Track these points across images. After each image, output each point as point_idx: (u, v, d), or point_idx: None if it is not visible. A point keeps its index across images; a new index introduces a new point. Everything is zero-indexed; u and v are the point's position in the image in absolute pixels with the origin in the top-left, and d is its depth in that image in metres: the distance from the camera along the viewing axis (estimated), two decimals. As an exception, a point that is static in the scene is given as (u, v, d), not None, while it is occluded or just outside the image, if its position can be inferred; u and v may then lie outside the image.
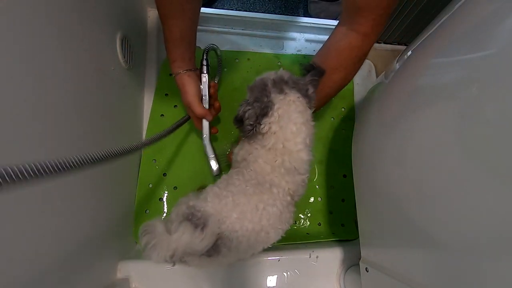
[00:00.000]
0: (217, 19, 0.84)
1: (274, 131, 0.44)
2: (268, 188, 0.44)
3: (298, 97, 0.45)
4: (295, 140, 0.44)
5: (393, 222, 0.41)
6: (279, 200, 0.44)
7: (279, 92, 0.45)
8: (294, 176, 0.46)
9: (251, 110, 0.44)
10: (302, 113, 0.45)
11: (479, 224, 0.26)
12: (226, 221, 0.41)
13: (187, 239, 0.36)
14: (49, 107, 0.39)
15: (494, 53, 0.27)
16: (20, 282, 0.35)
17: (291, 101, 0.44)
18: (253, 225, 0.42)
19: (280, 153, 0.44)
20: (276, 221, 0.44)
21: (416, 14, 0.73)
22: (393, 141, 0.43)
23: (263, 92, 0.45)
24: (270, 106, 0.44)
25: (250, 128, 0.44)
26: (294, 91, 0.45)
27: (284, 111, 0.44)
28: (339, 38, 0.52)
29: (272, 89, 0.45)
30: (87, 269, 0.49)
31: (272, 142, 0.44)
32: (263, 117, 0.44)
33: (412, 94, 0.40)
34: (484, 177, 0.25)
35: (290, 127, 0.43)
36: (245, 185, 0.44)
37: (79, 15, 0.46)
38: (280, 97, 0.44)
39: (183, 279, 0.59)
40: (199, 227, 0.38)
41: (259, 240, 0.44)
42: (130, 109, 0.70)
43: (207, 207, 0.41)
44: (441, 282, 0.31)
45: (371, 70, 0.89)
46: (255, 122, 0.44)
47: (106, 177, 0.55)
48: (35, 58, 0.37)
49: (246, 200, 0.42)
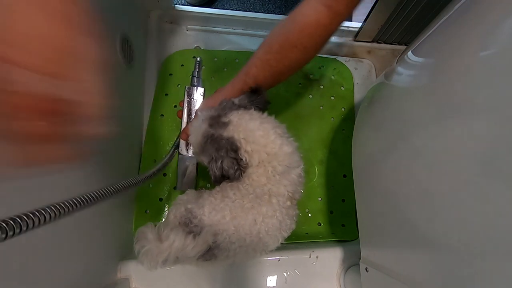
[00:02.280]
0: (217, 19, 0.84)
1: (251, 149, 0.42)
2: (267, 199, 0.43)
3: (239, 113, 0.43)
4: (269, 139, 0.42)
5: (393, 222, 0.41)
6: (278, 210, 0.44)
7: (223, 127, 0.42)
8: (289, 175, 0.45)
9: (224, 160, 0.41)
10: (252, 118, 0.43)
11: (480, 224, 0.26)
12: (224, 233, 0.41)
13: (178, 246, 0.36)
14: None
15: (494, 53, 0.27)
16: (20, 281, 0.35)
17: (236, 121, 0.43)
18: (251, 237, 0.42)
19: (268, 162, 0.43)
20: (275, 231, 0.44)
21: (416, 14, 0.73)
22: (393, 142, 0.43)
23: (213, 141, 0.42)
24: (232, 142, 0.42)
25: (239, 173, 0.43)
26: (229, 114, 0.44)
27: (242, 131, 0.42)
28: (307, 12, 0.47)
29: (216, 132, 0.42)
30: (87, 269, 0.49)
31: (257, 159, 0.43)
32: (236, 153, 0.42)
33: (412, 94, 0.40)
34: (486, 178, 0.25)
35: (257, 134, 0.42)
36: (243, 200, 0.42)
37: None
38: (228, 128, 0.42)
39: (183, 279, 0.59)
40: (191, 234, 0.38)
41: (257, 249, 0.44)
42: (130, 109, 0.70)
43: (204, 216, 0.42)
44: (441, 282, 0.31)
45: (371, 70, 0.89)
46: (237, 166, 0.42)
47: (106, 177, 0.55)
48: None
49: (244, 214, 0.42)
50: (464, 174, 0.27)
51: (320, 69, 0.85)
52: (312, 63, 0.85)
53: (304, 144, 0.77)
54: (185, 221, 0.41)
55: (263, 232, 0.43)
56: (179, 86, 0.79)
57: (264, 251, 0.46)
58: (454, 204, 0.28)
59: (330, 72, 0.85)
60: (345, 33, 0.87)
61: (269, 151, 0.42)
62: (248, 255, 0.44)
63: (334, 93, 0.83)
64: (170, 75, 0.80)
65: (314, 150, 0.77)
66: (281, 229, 0.45)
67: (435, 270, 0.31)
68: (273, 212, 0.43)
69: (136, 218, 0.68)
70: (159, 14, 0.81)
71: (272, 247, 0.46)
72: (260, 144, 0.42)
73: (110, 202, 0.57)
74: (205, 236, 0.39)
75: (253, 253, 0.44)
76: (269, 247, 0.46)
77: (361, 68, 0.88)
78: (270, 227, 0.43)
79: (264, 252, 0.46)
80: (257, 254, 0.45)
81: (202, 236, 0.38)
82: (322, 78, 0.84)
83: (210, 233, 0.40)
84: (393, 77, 0.50)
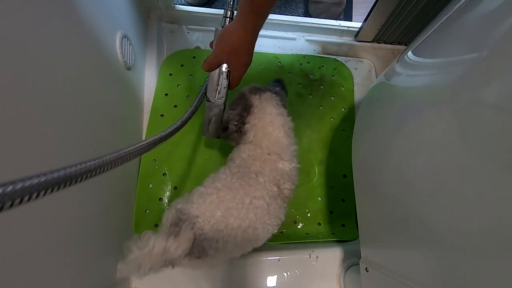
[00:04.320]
0: (217, 19, 0.84)
1: (254, 123, 0.49)
2: (254, 178, 0.46)
3: (270, 95, 0.52)
4: (272, 126, 0.49)
5: (393, 222, 0.41)
6: (265, 190, 0.45)
7: (254, 94, 0.52)
8: (277, 163, 0.47)
9: (233, 112, 0.52)
10: (275, 107, 0.51)
11: (480, 223, 0.26)
12: (210, 221, 0.41)
13: (159, 250, 0.36)
14: (48, 107, 0.39)
15: (494, 52, 0.27)
16: (21, 279, 0.35)
17: (265, 99, 0.51)
18: (240, 221, 0.42)
19: (259, 141, 0.48)
20: (263, 215, 0.44)
21: (416, 14, 0.73)
22: (393, 141, 0.43)
23: (242, 98, 0.53)
24: (248, 105, 0.51)
25: (234, 129, 0.51)
26: (266, 91, 0.53)
27: (260, 107, 0.51)
28: None
29: (248, 94, 0.53)
30: (87, 269, 0.49)
31: (252, 135, 0.49)
32: (246, 116, 0.50)
33: (412, 94, 0.40)
34: (486, 176, 0.25)
35: (267, 117, 0.50)
36: (231, 178, 0.45)
37: (79, 15, 0.46)
38: (256, 97, 0.52)
39: (183, 279, 0.59)
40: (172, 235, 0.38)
41: (246, 238, 0.43)
42: (130, 109, 0.70)
43: (192, 208, 0.42)
44: (441, 282, 0.31)
45: (371, 70, 0.89)
46: (239, 122, 0.50)
47: (106, 177, 0.55)
48: (34, 58, 0.37)
49: (232, 195, 0.43)
50: (467, 173, 0.27)
51: (320, 69, 0.85)
52: (312, 63, 0.86)
53: (304, 144, 0.77)
54: (175, 221, 0.41)
55: (252, 215, 0.43)
56: (179, 86, 0.79)
57: (255, 242, 0.45)
58: (457, 202, 0.28)
59: (330, 72, 0.85)
60: (345, 33, 0.87)
61: (265, 131, 0.49)
62: (237, 246, 0.43)
63: (334, 93, 0.83)
64: (170, 75, 0.80)
65: (314, 150, 0.77)
66: (269, 214, 0.45)
67: (436, 269, 0.31)
68: (261, 192, 0.45)
69: (136, 218, 0.68)
70: (159, 14, 0.81)
71: (262, 237, 0.45)
72: (263, 122, 0.49)
73: (110, 202, 0.57)
74: (185, 232, 0.39)
75: (243, 244, 0.44)
76: (259, 237, 0.45)
77: (361, 68, 0.88)
78: (258, 209, 0.43)
79: (256, 243, 0.45)
80: (248, 246, 0.45)
81: (182, 233, 0.38)
82: (322, 78, 0.84)
83: (189, 227, 0.40)
84: (393, 77, 0.50)
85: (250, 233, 0.43)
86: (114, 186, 0.59)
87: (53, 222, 0.40)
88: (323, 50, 0.89)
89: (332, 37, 0.88)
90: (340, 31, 0.87)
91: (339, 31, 0.87)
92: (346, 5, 1.05)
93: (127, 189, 0.67)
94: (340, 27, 0.86)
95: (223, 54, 0.53)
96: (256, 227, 0.44)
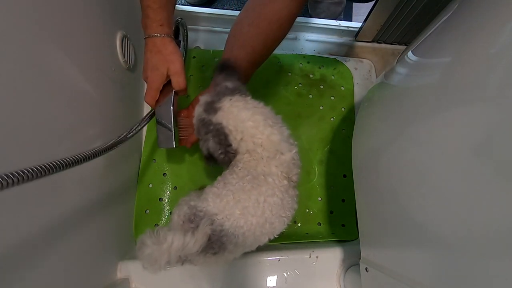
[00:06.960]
0: (217, 19, 0.84)
1: (240, 139, 0.45)
2: (263, 179, 0.45)
3: (229, 100, 0.45)
4: (257, 128, 0.44)
5: (393, 222, 0.41)
6: (277, 188, 0.45)
7: (215, 113, 0.45)
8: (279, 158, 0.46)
9: (210, 142, 0.46)
10: (245, 107, 0.45)
11: (481, 223, 0.26)
12: (230, 218, 0.41)
13: (178, 245, 0.36)
14: (48, 107, 0.39)
15: (494, 53, 0.27)
16: (21, 279, 0.35)
17: (228, 110, 0.45)
18: (257, 218, 0.43)
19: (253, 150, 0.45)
20: (279, 210, 0.45)
21: (416, 14, 0.73)
22: (393, 141, 0.43)
23: (204, 125, 0.46)
24: (219, 129, 0.45)
25: (223, 156, 0.46)
26: (223, 100, 0.46)
27: (233, 121, 0.44)
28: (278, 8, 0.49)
29: (208, 117, 0.46)
30: (87, 269, 0.49)
31: (244, 148, 0.45)
32: (224, 139, 0.45)
33: (412, 94, 0.40)
34: (487, 176, 0.25)
35: (247, 125, 0.44)
36: (242, 182, 0.44)
37: (79, 15, 0.46)
38: (219, 114, 0.45)
39: (183, 279, 0.59)
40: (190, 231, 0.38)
41: (264, 232, 0.44)
42: (130, 109, 0.70)
43: (208, 207, 0.42)
44: (441, 282, 0.31)
45: (371, 70, 0.89)
46: (222, 149, 0.46)
47: (106, 177, 0.55)
48: (34, 58, 0.37)
49: (247, 196, 0.43)
50: (468, 172, 0.27)
51: (320, 69, 0.85)
52: (312, 63, 0.86)
53: (304, 144, 0.77)
54: (189, 217, 0.42)
55: (268, 212, 0.43)
56: (179, 86, 0.79)
57: (272, 234, 0.46)
58: (458, 202, 0.28)
59: (330, 72, 0.85)
60: (345, 33, 0.87)
61: (256, 141, 0.45)
62: (256, 240, 0.44)
63: (334, 93, 0.83)
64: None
65: (314, 150, 0.77)
66: (284, 208, 0.45)
67: (436, 269, 0.31)
68: (272, 190, 0.44)
69: (136, 218, 0.68)
70: (159, 14, 0.81)
71: (279, 228, 0.46)
72: (248, 134, 0.44)
73: (111, 202, 0.57)
74: (203, 228, 0.39)
75: (261, 237, 0.45)
76: (276, 229, 0.46)
77: (361, 68, 0.88)
78: (273, 206, 0.44)
79: (273, 235, 0.46)
80: (265, 238, 0.46)
81: (201, 229, 0.39)
82: (322, 78, 0.84)
83: (207, 223, 0.40)
84: (393, 77, 0.50)
85: (268, 228, 0.44)
86: (114, 186, 0.59)
87: (53, 222, 0.40)
88: (323, 50, 0.89)
89: (332, 37, 0.88)
90: (340, 31, 0.87)
91: (339, 31, 0.87)
92: (346, 5, 1.05)
93: (127, 189, 0.67)
94: (340, 27, 0.86)
95: (146, 72, 0.53)
96: (272, 222, 0.44)
